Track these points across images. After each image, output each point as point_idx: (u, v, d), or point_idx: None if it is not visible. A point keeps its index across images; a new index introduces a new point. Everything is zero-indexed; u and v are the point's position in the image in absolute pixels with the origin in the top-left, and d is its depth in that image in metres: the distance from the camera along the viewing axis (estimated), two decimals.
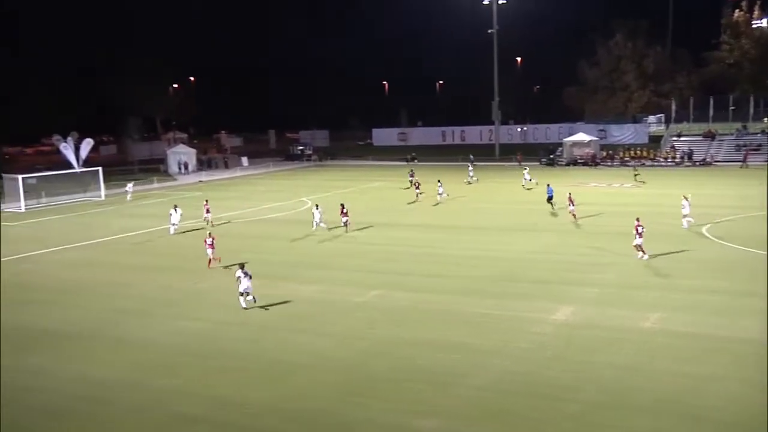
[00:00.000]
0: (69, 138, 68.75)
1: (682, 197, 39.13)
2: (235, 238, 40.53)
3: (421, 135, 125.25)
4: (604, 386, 18.25)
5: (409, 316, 24.23)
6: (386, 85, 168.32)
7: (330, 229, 40.92)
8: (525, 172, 61.69)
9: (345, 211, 41.50)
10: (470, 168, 67.35)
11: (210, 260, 32.60)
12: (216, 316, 25.23)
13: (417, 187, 54.71)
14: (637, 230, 30.88)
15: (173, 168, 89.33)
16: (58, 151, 72.49)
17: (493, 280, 28.56)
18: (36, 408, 18.29)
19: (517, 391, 18.15)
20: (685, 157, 77.04)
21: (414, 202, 52.62)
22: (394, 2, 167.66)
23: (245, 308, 25.61)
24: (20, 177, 58.24)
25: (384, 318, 24.17)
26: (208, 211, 45.08)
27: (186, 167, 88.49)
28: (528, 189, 57.53)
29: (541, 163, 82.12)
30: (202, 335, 23.20)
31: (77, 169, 65.78)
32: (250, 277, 25.73)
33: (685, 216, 37.82)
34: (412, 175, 60.94)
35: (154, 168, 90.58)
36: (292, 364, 20.41)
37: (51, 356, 21.80)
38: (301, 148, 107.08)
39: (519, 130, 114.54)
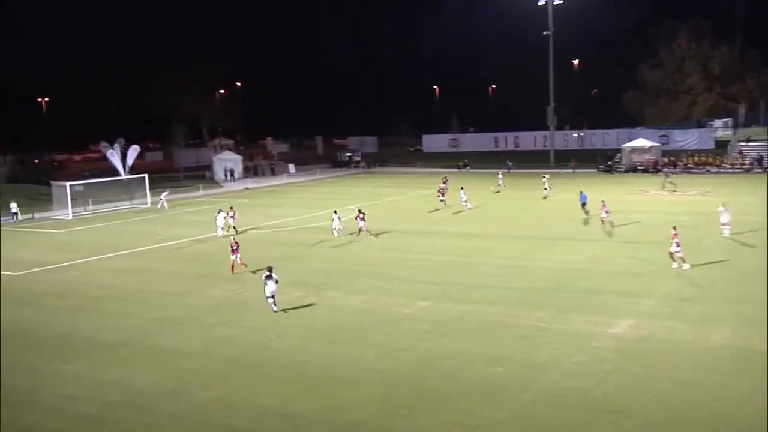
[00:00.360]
0: (116, 144, 70.32)
1: (720, 205, 38.78)
2: (280, 245, 40.86)
3: (473, 141, 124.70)
4: (664, 402, 17.74)
5: (457, 328, 24.00)
6: (437, 90, 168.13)
7: (350, 233, 41.45)
8: (544, 180, 61.32)
9: (362, 216, 42.31)
10: (500, 176, 66.89)
11: (233, 265, 33.39)
12: (259, 324, 25.38)
13: (442, 194, 54.67)
14: (674, 239, 30.77)
15: (219, 175, 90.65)
16: (105, 158, 74.27)
17: (539, 290, 28.28)
18: (74, 415, 18.59)
19: (573, 406, 17.76)
20: (755, 164, 74.78)
21: (436, 210, 52.92)
22: (447, 5, 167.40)
23: (275, 311, 26.40)
24: (68, 184, 59.84)
25: (431, 329, 23.98)
26: (232, 218, 46.07)
27: (232, 174, 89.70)
28: (543, 198, 57.42)
29: (598, 170, 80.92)
30: (244, 344, 23.33)
31: (123, 176, 67.24)
32: (276, 281, 26.39)
33: (723, 224, 37.61)
34: (444, 182, 60.92)
35: (200, 175, 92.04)
36: (336, 375, 20.35)
37: (91, 363, 22.17)
38: (349, 154, 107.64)
39: (575, 135, 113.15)
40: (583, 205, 46.19)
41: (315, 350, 22.50)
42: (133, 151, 70.50)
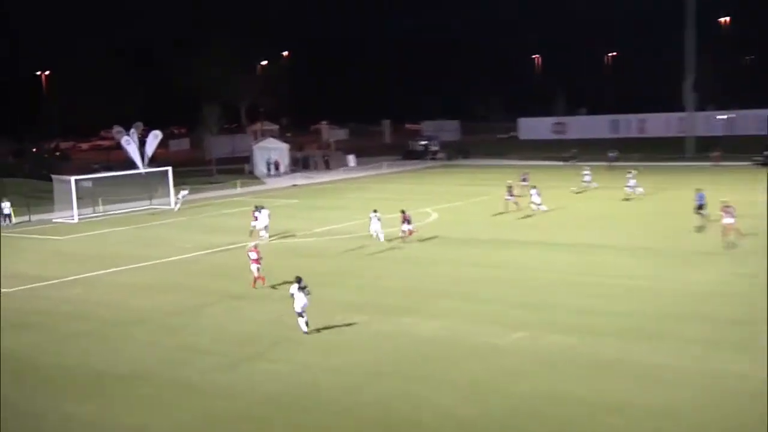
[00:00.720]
0: (132, 130, 71.78)
1: None
2: (337, 258, 41.31)
3: (585, 126, 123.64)
4: None
5: (562, 365, 23.81)
6: (538, 61, 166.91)
7: (390, 240, 41.03)
8: (585, 174, 62.28)
9: (407, 217, 43.87)
10: (586, 172, 66.09)
11: (255, 279, 34.82)
12: (307, 357, 25.66)
13: (510, 194, 54.85)
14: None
15: (260, 168, 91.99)
16: (119, 147, 76.07)
17: (660, 317, 28.07)
18: None
19: None
20: None
21: (499, 214, 53.61)
22: None
23: (306, 332, 27.59)
24: (72, 179, 61.36)
25: (529, 367, 23.85)
26: (256, 219, 47.18)
27: (276, 167, 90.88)
28: (578, 193, 58.95)
29: (753, 163, 79.02)
30: (290, 381, 23.60)
31: (141, 170, 68.72)
32: (308, 293, 27.65)
33: None
34: (524, 180, 61.20)
35: (237, 168, 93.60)
36: (407, 420, 20.42)
37: (104, 404, 22.73)
38: (424, 143, 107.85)
39: (722, 118, 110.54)
40: (700, 207, 45.56)
41: (378, 391, 22.60)
42: (154, 138, 71.85)
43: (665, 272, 35.22)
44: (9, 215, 58.67)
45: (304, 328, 27.65)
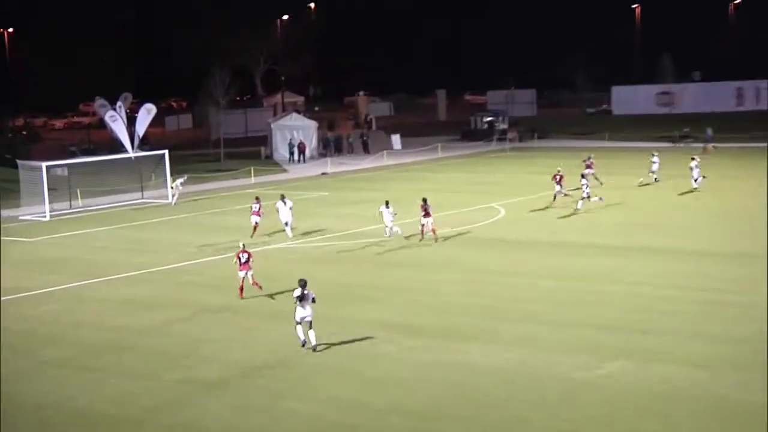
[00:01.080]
0: (119, 103, 72.37)
1: None
2: (379, 266, 41.44)
3: (700, 96, 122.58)
4: None
5: (674, 405, 23.60)
6: (638, 12, 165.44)
7: (408, 237, 41.59)
8: (653, 158, 64.76)
9: (427, 209, 45.32)
10: (654, 158, 66.24)
11: (242, 287, 35.86)
12: (341, 393, 25.62)
13: (558, 182, 55.97)
14: None
15: (281, 152, 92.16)
16: (102, 124, 76.63)
17: None
18: None
19: None
20: None
21: (547, 207, 54.91)
22: None
23: (303, 341, 28.93)
24: (44, 165, 61.88)
25: (632, 406, 23.66)
26: (258, 214, 48.47)
27: (301, 151, 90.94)
28: (643, 185, 61.53)
29: None
30: (321, 425, 23.61)
31: (131, 153, 69.16)
32: (314, 300, 29.00)
33: None
34: (589, 166, 62.55)
35: (252, 151, 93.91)
36: None
37: None
38: (489, 119, 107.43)
39: None
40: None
41: None
42: (146, 113, 72.12)
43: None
44: None
45: (312, 342, 28.87)
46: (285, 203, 47.99)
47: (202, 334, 31.97)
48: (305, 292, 28.83)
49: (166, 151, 68.17)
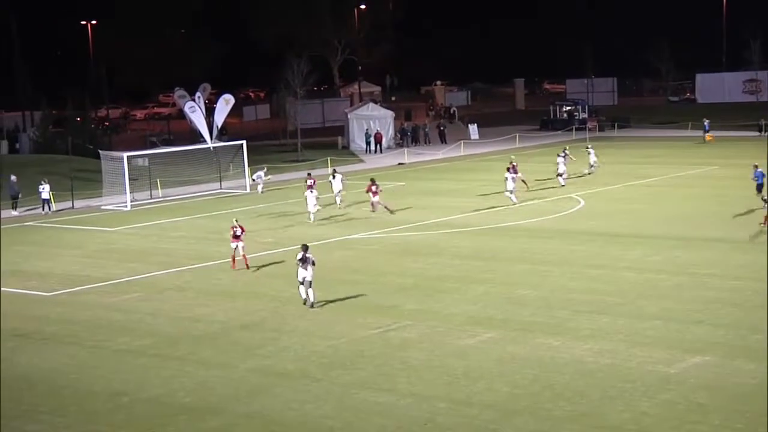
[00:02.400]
0: (198, 93, 72.82)
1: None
2: (457, 257, 41.26)
3: None
4: None
5: (753, 405, 23.11)
6: None
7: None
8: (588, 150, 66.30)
9: (375, 189, 51.08)
10: (589, 150, 67.22)
11: (233, 257, 39.76)
12: (421, 386, 25.51)
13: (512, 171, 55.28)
14: None
15: (357, 142, 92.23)
16: (182, 115, 77.18)
17: None
18: None
19: None
20: None
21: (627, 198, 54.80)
22: None
23: (304, 299, 33.30)
24: (125, 156, 62.61)
25: (715, 402, 23.30)
26: (310, 188, 51.73)
27: (378, 141, 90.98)
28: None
29: None
30: (401, 417, 23.51)
31: (209, 144, 69.59)
32: (313, 264, 32.86)
33: None
34: (563, 155, 62.04)
35: (328, 142, 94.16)
36: None
37: None
38: (568, 108, 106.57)
39: None
40: (760, 187, 48.83)
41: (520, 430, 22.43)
42: (225, 103, 72.56)
43: None
44: (48, 200, 59.66)
45: (310, 299, 33.29)
46: (336, 179, 53.43)
47: (280, 325, 32.04)
48: (307, 255, 32.76)
49: (243, 142, 68.53)
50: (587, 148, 67.59)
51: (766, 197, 44.00)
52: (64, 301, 36.93)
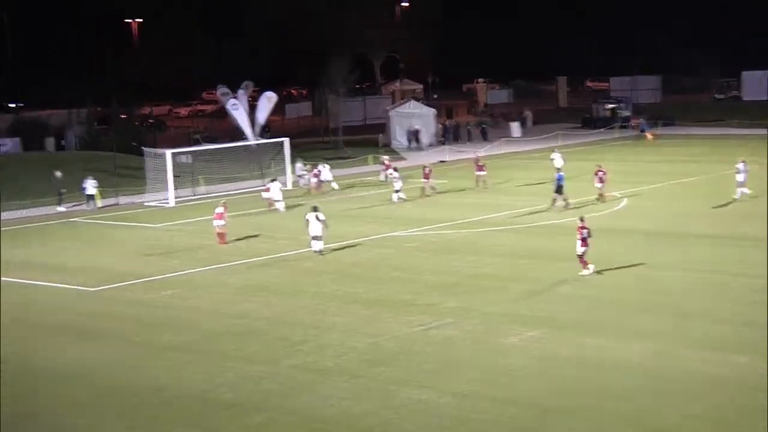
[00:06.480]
0: (240, 91, 72.78)
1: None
2: (494, 255, 41.18)
3: None
4: None
5: None
6: None
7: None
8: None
9: (427, 171, 59.06)
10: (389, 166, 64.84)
11: (219, 234, 45.25)
12: (463, 384, 25.46)
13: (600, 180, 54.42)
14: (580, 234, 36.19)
15: (399, 140, 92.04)
16: (224, 112, 77.28)
17: None
18: None
19: None
20: None
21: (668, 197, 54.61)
22: None
23: (315, 251, 41.10)
24: (168, 153, 62.86)
25: (763, 406, 22.95)
26: (317, 176, 55.96)
27: (418, 139, 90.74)
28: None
29: None
30: (438, 415, 23.43)
31: (252, 141, 69.66)
32: (323, 222, 40.64)
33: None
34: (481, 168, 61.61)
35: (370, 139, 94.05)
36: None
37: None
38: (611, 106, 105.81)
39: None
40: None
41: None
42: (267, 101, 72.56)
43: None
44: (93, 196, 59.95)
45: (314, 248, 41.17)
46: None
47: (322, 321, 32.10)
48: (317, 214, 40.84)
49: (286, 139, 68.55)
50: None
51: None
52: (109, 296, 37.19)
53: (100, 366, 28.51)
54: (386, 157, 69.52)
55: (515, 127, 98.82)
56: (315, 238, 41.34)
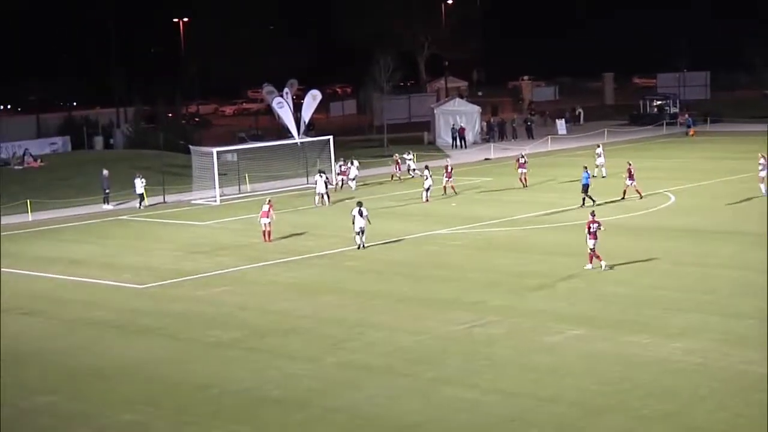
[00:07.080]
0: (286, 89, 72.96)
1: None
2: (539, 252, 41.12)
3: None
4: None
5: None
6: None
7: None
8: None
9: (449, 171, 58.21)
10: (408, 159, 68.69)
11: (264, 232, 45.71)
12: (508, 382, 25.46)
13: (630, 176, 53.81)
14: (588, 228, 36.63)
15: (444, 137, 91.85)
16: (270, 110, 77.56)
17: None
18: None
19: None
20: None
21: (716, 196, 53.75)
22: None
23: (358, 246, 42.20)
24: (214, 151, 63.20)
25: None
26: (344, 173, 55.12)
27: (462, 137, 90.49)
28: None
29: None
30: (489, 414, 23.46)
31: (297, 139, 69.88)
32: (366, 217, 41.96)
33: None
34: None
35: (414, 137, 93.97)
36: None
37: None
38: (659, 103, 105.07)
39: None
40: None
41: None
42: (312, 99, 72.70)
43: None
44: (142, 195, 60.27)
45: (357, 242, 42.38)
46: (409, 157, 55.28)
47: (367, 319, 32.19)
48: (361, 209, 41.98)
49: (330, 137, 68.69)
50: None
51: None
52: (156, 293, 37.48)
53: (149, 363, 28.77)
54: (409, 156, 70.11)
55: (561, 125, 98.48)
56: (358, 233, 42.34)
